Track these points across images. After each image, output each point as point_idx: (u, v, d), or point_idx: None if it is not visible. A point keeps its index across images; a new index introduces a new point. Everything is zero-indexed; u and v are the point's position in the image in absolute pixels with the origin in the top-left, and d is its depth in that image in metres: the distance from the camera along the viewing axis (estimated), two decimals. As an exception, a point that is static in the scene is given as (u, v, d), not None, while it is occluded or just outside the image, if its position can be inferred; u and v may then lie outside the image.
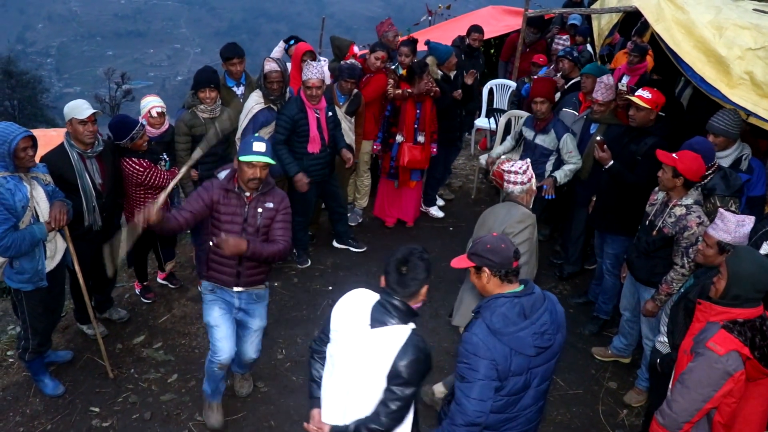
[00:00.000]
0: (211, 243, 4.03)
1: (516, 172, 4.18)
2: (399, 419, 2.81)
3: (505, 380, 2.90)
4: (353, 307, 2.86)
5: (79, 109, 4.47)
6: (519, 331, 2.86)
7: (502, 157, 5.84)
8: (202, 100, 5.23)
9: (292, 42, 6.83)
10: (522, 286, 3.01)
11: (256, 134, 4.30)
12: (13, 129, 4.01)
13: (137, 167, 4.83)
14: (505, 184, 4.23)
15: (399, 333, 2.76)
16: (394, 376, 2.73)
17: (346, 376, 2.83)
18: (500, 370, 2.85)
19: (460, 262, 3.08)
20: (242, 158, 3.85)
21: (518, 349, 2.87)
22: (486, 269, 2.98)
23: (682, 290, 3.92)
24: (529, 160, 4.38)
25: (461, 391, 2.91)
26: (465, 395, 2.88)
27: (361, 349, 2.77)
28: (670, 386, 3.23)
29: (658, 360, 3.80)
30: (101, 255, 5.03)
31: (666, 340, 3.84)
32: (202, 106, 5.26)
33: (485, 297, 3.05)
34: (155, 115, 5.16)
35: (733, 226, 3.49)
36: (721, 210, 3.65)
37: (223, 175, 4.08)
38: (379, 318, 2.77)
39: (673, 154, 4.07)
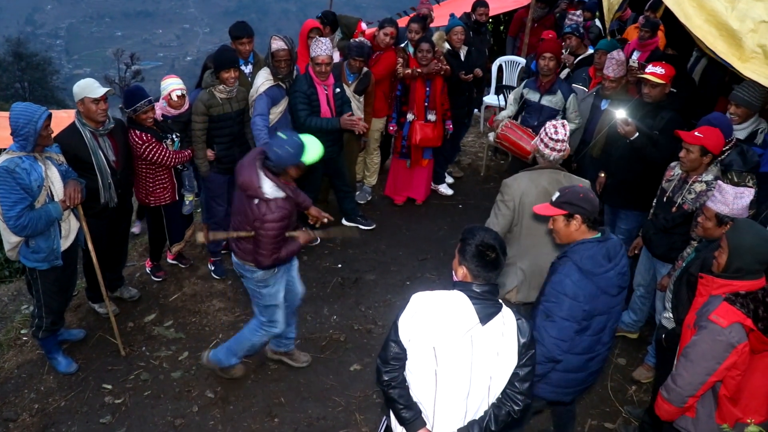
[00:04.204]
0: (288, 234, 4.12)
1: (563, 141, 3.93)
2: (533, 379, 2.83)
3: (591, 320, 3.23)
4: (447, 316, 2.66)
5: (92, 88, 4.50)
6: (607, 271, 3.18)
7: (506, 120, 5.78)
8: (225, 81, 5.19)
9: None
10: (600, 234, 3.28)
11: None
12: (35, 108, 4.07)
13: (137, 140, 4.85)
14: (549, 150, 3.95)
15: (507, 313, 2.74)
16: (524, 350, 2.73)
17: (463, 382, 2.70)
18: (587, 310, 3.18)
19: (547, 209, 3.31)
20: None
21: (605, 289, 3.20)
22: (579, 216, 3.22)
23: (684, 264, 3.91)
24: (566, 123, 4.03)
25: (544, 330, 3.21)
26: (547, 332, 3.20)
27: (482, 347, 2.66)
28: (675, 361, 3.23)
29: (663, 335, 3.80)
30: (116, 233, 5.09)
31: (671, 315, 3.83)
32: (221, 86, 5.23)
33: (563, 245, 3.36)
34: (175, 98, 5.16)
35: (731, 198, 3.48)
36: (719, 182, 3.63)
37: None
38: (485, 311, 2.67)
39: (695, 132, 4.02)
